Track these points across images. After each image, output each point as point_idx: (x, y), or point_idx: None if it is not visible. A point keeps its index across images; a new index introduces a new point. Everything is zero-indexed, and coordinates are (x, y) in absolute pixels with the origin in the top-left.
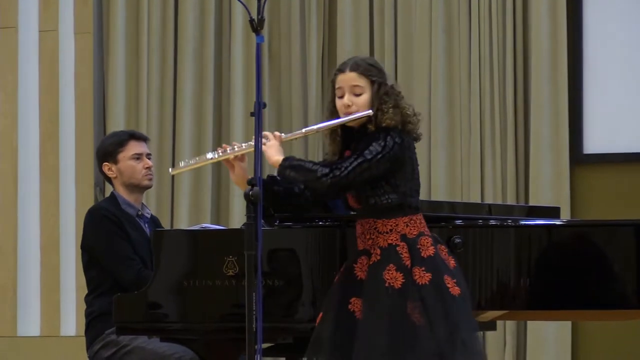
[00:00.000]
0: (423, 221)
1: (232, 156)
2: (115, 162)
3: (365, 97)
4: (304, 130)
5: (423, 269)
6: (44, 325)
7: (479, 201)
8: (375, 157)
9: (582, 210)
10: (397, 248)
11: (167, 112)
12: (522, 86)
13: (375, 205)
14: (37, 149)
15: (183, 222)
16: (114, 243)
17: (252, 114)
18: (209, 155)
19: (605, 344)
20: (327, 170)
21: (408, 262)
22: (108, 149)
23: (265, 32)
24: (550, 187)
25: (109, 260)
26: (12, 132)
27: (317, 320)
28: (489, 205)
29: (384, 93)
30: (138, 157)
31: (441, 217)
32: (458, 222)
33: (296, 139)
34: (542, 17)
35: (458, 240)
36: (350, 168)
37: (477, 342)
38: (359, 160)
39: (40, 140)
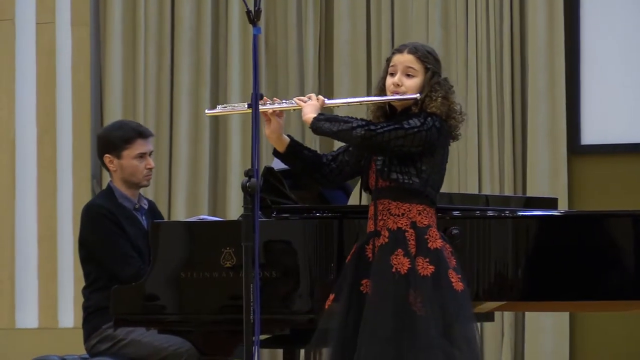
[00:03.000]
0: (435, 217)
1: (270, 110)
2: (119, 157)
3: (416, 81)
4: (348, 100)
5: (427, 260)
6: (41, 317)
7: (477, 192)
8: (412, 129)
9: (579, 201)
10: (406, 234)
11: (164, 103)
12: (520, 77)
13: (396, 181)
14: (34, 141)
15: (180, 214)
16: (113, 242)
17: (249, 106)
18: (246, 105)
19: (603, 334)
20: (363, 122)
21: (413, 250)
22: (114, 142)
23: (262, 23)
24: (547, 178)
25: (108, 259)
26: (9, 124)
27: (328, 302)
28: (487, 196)
29: (435, 82)
30: (142, 156)
31: (438, 208)
32: (455, 213)
33: (337, 106)
34: (539, 8)
35: (455, 232)
36: (386, 128)
37: (475, 339)
38: (396, 126)
39: (38, 132)
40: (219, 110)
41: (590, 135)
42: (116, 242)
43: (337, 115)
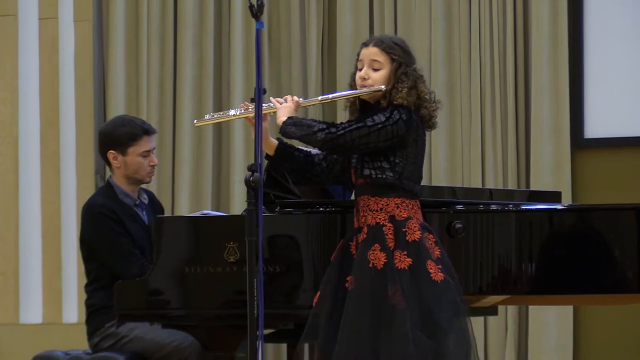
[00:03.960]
0: (417, 208)
1: (252, 115)
2: (124, 154)
3: (382, 73)
4: (320, 97)
5: (405, 253)
6: (46, 313)
7: (480, 186)
8: (376, 125)
9: (583, 195)
10: (384, 228)
11: (167, 98)
12: (523, 70)
13: (369, 177)
14: (38, 137)
15: (184, 209)
16: (115, 241)
17: (252, 100)
18: (232, 112)
19: (607, 328)
20: (324, 126)
21: (392, 244)
22: (119, 139)
23: (264, 18)
24: (551, 171)
25: (111, 259)
26: (12, 120)
27: (315, 299)
28: (490, 190)
29: (402, 73)
30: (147, 154)
31: (442, 202)
32: (459, 207)
33: (312, 105)
34: (542, 1)
35: (459, 226)
36: (348, 129)
37: (459, 330)
38: (359, 125)
39: (41, 128)
40: (207, 119)
41: (594, 129)
42: (119, 240)
43: (302, 120)
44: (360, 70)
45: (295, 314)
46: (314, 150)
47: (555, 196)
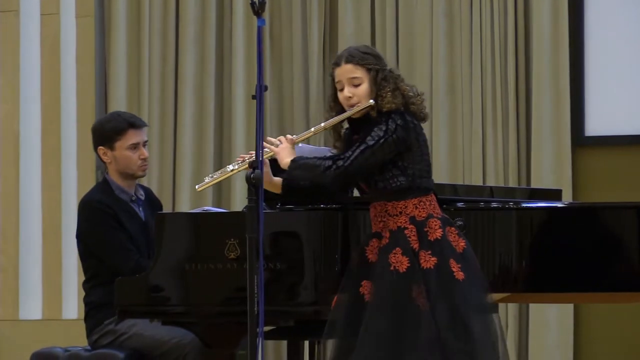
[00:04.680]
0: (434, 202)
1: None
2: (112, 149)
3: (364, 87)
4: (312, 129)
5: (429, 252)
6: (45, 309)
7: (481, 184)
8: (378, 142)
9: (583, 193)
10: (406, 231)
11: (168, 95)
12: (524, 68)
13: (384, 189)
14: (39, 133)
15: (185, 205)
16: (111, 237)
17: (253, 97)
18: (230, 167)
19: (608, 326)
20: (330, 162)
21: (416, 245)
22: (106, 134)
23: (266, 15)
24: (551, 169)
25: (106, 254)
26: (13, 116)
27: (333, 303)
28: (491, 187)
29: (382, 79)
30: (135, 146)
31: (443, 200)
32: (460, 204)
33: (307, 138)
34: (543, 0)
35: (460, 223)
36: (353, 156)
37: (486, 330)
38: (362, 148)
39: (42, 124)
40: (207, 182)
41: (595, 126)
42: (115, 236)
43: (307, 160)
44: (341, 90)
45: (295, 311)
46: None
47: (556, 194)
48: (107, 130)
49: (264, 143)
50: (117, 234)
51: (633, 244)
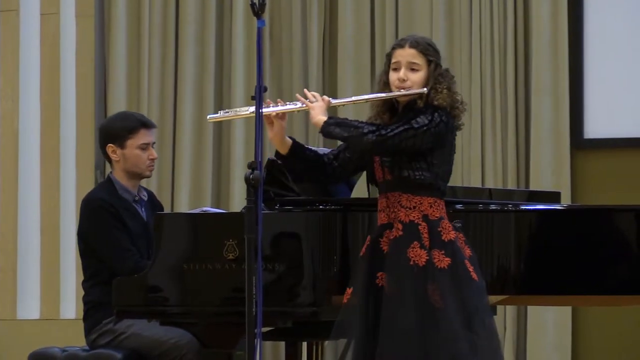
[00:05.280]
0: (444, 207)
1: (274, 113)
2: (122, 147)
3: (421, 75)
4: (353, 98)
5: (443, 252)
6: (43, 308)
7: (480, 186)
8: (422, 127)
9: (582, 195)
10: (419, 227)
11: (168, 95)
12: (523, 70)
13: (407, 178)
14: (38, 132)
15: (184, 206)
16: (111, 235)
17: (252, 98)
18: (251, 109)
19: (606, 329)
20: (374, 127)
21: (427, 243)
22: (117, 132)
23: (266, 16)
24: (550, 172)
25: (106, 253)
26: (13, 115)
27: (346, 295)
28: (490, 189)
29: (439, 74)
30: (145, 146)
31: None
32: (458, 206)
33: (343, 105)
34: (543, 1)
35: (458, 225)
36: (397, 131)
37: (496, 331)
38: (406, 127)
39: (41, 123)
40: (221, 115)
41: (594, 129)
42: (116, 236)
43: (346, 120)
44: (397, 70)
45: (293, 312)
46: (322, 150)
47: (554, 196)
48: (119, 129)
49: (297, 95)
50: (118, 233)
51: (631, 246)
